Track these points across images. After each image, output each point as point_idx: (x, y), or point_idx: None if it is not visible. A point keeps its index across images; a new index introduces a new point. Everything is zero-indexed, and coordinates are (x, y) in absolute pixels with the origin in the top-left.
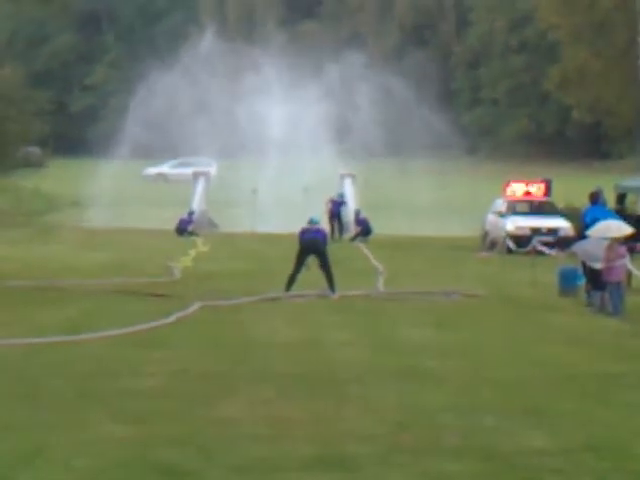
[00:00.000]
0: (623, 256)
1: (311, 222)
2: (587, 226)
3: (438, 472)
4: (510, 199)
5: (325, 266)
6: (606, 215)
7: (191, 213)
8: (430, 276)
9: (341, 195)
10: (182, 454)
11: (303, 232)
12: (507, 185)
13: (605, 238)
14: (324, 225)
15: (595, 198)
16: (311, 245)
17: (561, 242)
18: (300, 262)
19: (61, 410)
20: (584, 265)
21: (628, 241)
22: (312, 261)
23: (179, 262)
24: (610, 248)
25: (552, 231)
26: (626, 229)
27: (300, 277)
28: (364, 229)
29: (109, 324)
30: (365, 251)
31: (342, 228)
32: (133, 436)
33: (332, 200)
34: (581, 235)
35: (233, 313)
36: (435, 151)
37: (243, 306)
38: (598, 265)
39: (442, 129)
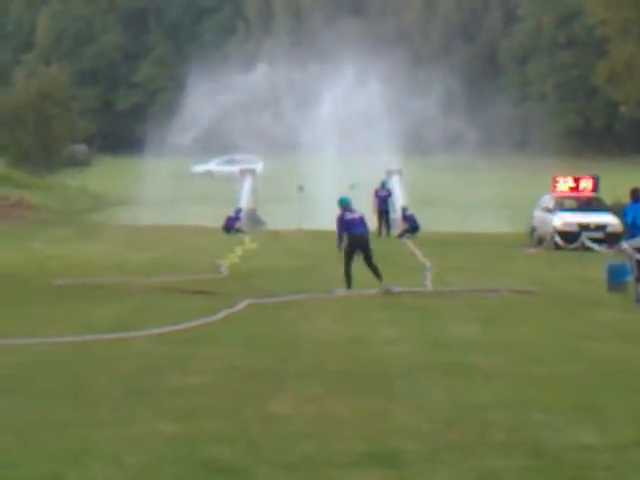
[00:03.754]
0: None
1: (344, 205)
2: (627, 224)
3: (486, 469)
4: (558, 195)
5: (370, 259)
6: None
7: (238, 211)
8: (478, 272)
9: (383, 184)
10: (231, 451)
11: (348, 223)
12: (555, 181)
13: None
14: (371, 221)
15: (636, 195)
16: (361, 240)
17: (609, 238)
18: (349, 258)
19: (110, 407)
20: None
21: None
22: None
23: (226, 259)
24: None
25: (600, 227)
26: None
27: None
28: (411, 226)
29: (157, 322)
30: (412, 248)
31: (389, 225)
32: (182, 433)
33: (377, 194)
34: (627, 233)
35: (281, 310)
36: (483, 147)
37: (291, 303)
38: None
39: (490, 125)
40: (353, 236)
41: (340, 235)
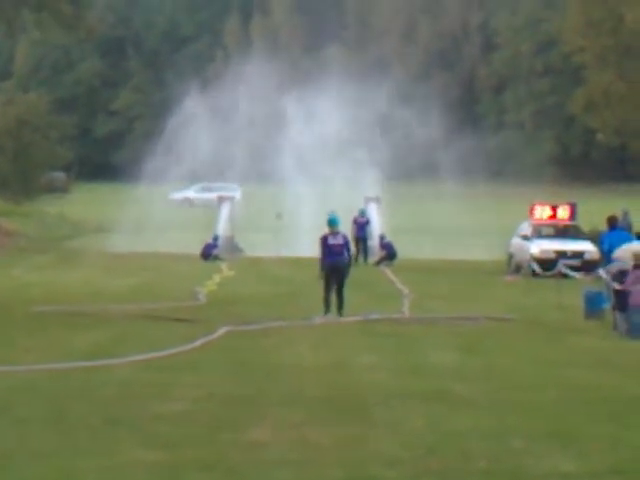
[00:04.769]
0: None
1: (331, 225)
2: (604, 252)
3: None
4: (535, 222)
5: (341, 289)
6: (624, 240)
7: (216, 238)
8: (456, 300)
9: (362, 212)
10: (211, 478)
11: (329, 249)
12: (532, 208)
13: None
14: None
15: (613, 223)
16: (339, 269)
17: (586, 265)
18: (327, 284)
19: (91, 435)
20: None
21: None
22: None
23: (205, 287)
24: (633, 271)
25: (577, 254)
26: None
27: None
28: (389, 253)
29: (136, 349)
30: (390, 275)
31: (367, 252)
32: (162, 461)
33: (356, 221)
34: (604, 260)
35: (259, 337)
36: (460, 175)
37: (269, 330)
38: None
39: (467, 153)
40: (331, 265)
41: (323, 260)
